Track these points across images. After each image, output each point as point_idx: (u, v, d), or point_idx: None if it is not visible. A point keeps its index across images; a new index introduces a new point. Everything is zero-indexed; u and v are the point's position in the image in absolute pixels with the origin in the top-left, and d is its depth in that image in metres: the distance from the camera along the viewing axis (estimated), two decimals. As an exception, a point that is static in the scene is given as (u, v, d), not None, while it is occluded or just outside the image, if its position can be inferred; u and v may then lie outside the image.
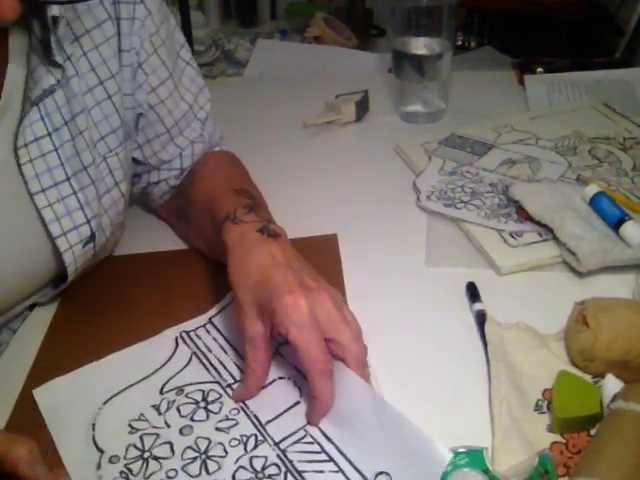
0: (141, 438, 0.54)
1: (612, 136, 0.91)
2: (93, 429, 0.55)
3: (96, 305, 0.68)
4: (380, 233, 0.77)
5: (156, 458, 0.52)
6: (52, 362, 0.62)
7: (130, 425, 0.55)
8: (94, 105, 0.63)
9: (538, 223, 0.72)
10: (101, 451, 0.53)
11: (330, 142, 0.99)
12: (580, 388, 0.53)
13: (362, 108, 1.03)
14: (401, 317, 0.64)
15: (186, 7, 1.26)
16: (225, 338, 0.63)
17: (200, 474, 0.51)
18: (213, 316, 0.66)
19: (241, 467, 0.51)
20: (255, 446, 0.53)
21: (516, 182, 0.81)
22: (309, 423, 0.54)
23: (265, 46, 1.37)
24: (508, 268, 0.69)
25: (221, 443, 0.53)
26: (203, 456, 0.52)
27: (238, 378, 0.59)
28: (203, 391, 0.58)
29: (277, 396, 0.56)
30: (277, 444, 0.53)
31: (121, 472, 0.52)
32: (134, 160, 0.72)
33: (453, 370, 0.58)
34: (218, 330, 0.64)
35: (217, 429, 0.54)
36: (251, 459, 0.52)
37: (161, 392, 0.58)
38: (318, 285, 0.55)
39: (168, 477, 0.51)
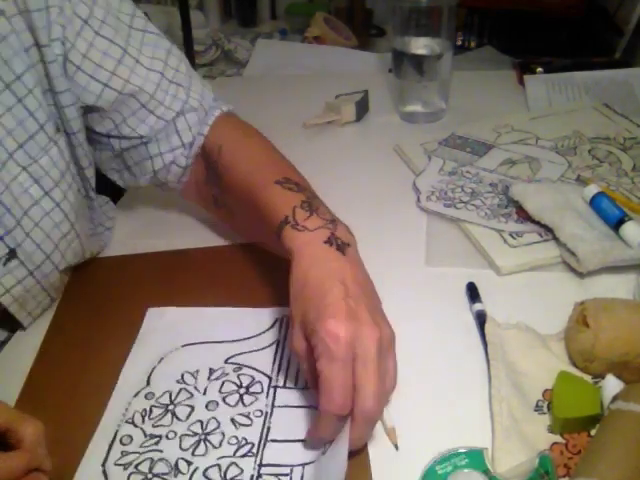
0: (180, 391, 0.57)
1: (612, 136, 0.91)
2: (159, 362, 0.59)
3: (97, 305, 0.68)
4: (380, 233, 0.77)
5: (174, 414, 0.55)
6: (52, 362, 0.62)
7: (182, 375, 0.58)
8: (3, 112, 0.56)
9: (538, 223, 0.72)
10: (147, 383, 0.58)
11: (330, 142, 0.99)
12: (580, 388, 0.53)
13: (362, 108, 1.03)
14: (401, 317, 0.64)
15: (186, 7, 1.26)
16: None
17: (193, 453, 0.52)
18: None
19: (217, 466, 0.51)
20: (244, 455, 0.52)
21: (516, 182, 0.81)
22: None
23: (265, 46, 1.37)
24: (508, 268, 0.69)
25: (223, 433, 0.53)
26: (203, 436, 0.53)
27: (288, 385, 0.57)
28: (253, 377, 0.58)
29: (299, 422, 0.54)
30: (261, 465, 0.51)
31: (144, 409, 0.55)
32: (116, 137, 0.67)
33: (453, 370, 0.58)
34: None
35: (232, 420, 0.55)
36: (231, 465, 0.51)
37: (225, 362, 0.60)
38: (371, 319, 0.50)
39: (167, 438, 0.53)
